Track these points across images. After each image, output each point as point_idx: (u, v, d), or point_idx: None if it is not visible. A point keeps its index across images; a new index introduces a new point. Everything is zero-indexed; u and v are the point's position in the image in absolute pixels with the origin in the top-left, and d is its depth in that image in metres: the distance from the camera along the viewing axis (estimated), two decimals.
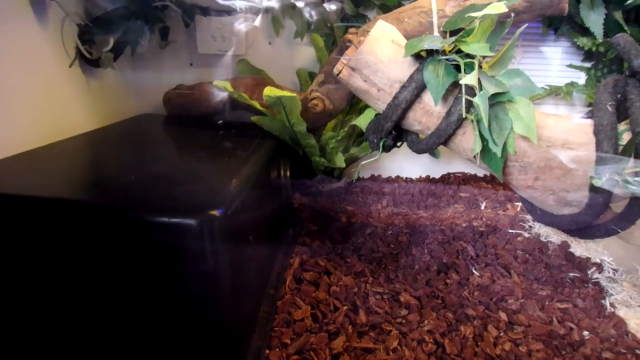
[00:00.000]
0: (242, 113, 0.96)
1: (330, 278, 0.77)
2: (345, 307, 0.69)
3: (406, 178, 1.29)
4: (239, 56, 1.12)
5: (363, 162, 0.76)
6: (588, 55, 1.10)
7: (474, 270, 0.81)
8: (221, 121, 0.97)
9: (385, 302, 0.71)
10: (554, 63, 1.13)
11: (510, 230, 0.94)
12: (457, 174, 1.28)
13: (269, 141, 0.86)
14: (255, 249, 0.66)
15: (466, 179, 1.24)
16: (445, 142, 0.59)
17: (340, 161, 0.98)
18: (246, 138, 0.85)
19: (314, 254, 0.84)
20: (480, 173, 1.28)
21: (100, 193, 0.55)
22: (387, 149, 0.65)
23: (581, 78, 1.12)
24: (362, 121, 0.82)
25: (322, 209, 1.03)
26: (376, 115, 0.65)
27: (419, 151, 0.62)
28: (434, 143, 0.59)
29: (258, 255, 0.69)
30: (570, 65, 1.11)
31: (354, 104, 1.06)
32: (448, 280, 0.78)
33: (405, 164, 1.28)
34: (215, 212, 0.49)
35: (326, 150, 1.03)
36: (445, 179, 1.26)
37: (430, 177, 1.29)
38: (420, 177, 1.30)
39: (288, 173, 0.92)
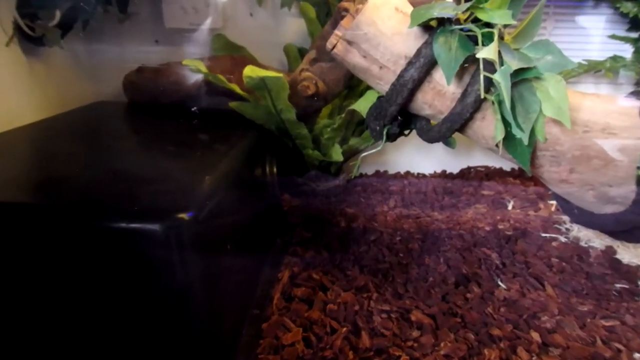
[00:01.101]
0: (220, 99, 0.96)
1: (327, 294, 0.77)
2: (344, 329, 0.69)
3: (417, 174, 1.30)
4: (215, 30, 1.12)
5: (364, 154, 0.76)
6: (634, 23, 1.10)
7: (499, 282, 0.82)
8: (194, 109, 0.98)
9: (393, 321, 0.71)
10: (594, 34, 1.13)
11: (543, 234, 0.94)
12: (478, 168, 1.28)
13: (251, 132, 0.87)
14: (234, 261, 0.66)
15: (489, 174, 1.25)
16: (462, 129, 0.60)
17: (337, 154, 0.98)
18: (224, 129, 0.86)
19: (307, 266, 0.84)
20: (507, 166, 1.29)
21: (44, 194, 0.56)
22: (392, 138, 0.66)
23: (627, 51, 1.12)
24: (362, 105, 0.84)
25: (316, 211, 1.04)
26: (378, 98, 0.65)
27: (430, 140, 0.63)
28: (447, 130, 0.59)
29: (238, 269, 0.69)
30: (613, 37, 1.12)
31: (353, 85, 1.06)
32: (468, 295, 0.78)
33: (415, 157, 1.29)
34: (184, 216, 0.50)
35: (320, 141, 1.03)
36: (465, 174, 1.26)
37: (447, 172, 1.29)
38: (434, 172, 1.30)
39: (275, 169, 0.93)
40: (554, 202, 1.06)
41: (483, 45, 0.54)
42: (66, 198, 0.54)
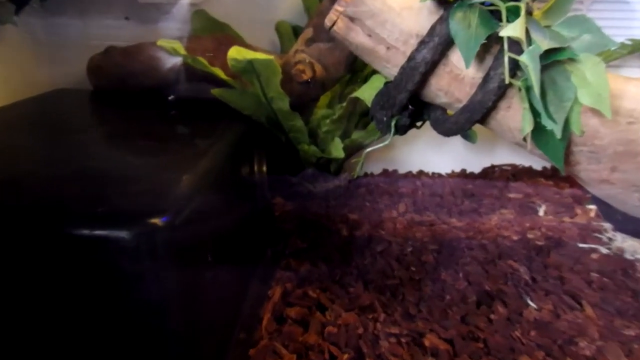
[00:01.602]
0: (200, 86, 0.96)
1: (326, 315, 0.77)
2: (346, 356, 0.69)
3: (432, 173, 1.30)
4: (195, 6, 1.12)
5: (369, 150, 0.75)
6: None
7: (529, 301, 0.82)
8: (171, 97, 0.98)
9: (404, 347, 0.71)
10: None
11: (580, 245, 0.95)
12: (503, 167, 1.29)
13: (237, 124, 0.87)
14: (217, 275, 0.66)
15: (517, 174, 1.25)
16: (483, 120, 0.60)
17: (337, 150, 0.98)
18: (205, 120, 0.86)
19: (302, 282, 0.84)
20: (537, 164, 1.29)
21: None
22: (401, 130, 0.66)
23: None
24: (367, 93, 0.85)
25: (313, 217, 1.04)
26: (386, 83, 0.65)
27: (446, 133, 0.63)
28: (466, 121, 0.59)
29: (221, 284, 0.69)
30: None
31: (357, 69, 1.05)
32: (492, 316, 0.78)
33: (429, 154, 1.29)
34: (158, 221, 0.50)
35: (318, 135, 1.03)
36: (488, 174, 1.27)
37: (467, 171, 1.30)
38: (451, 171, 1.30)
39: (265, 168, 0.93)
40: (593, 207, 1.06)
41: (508, 21, 0.54)
42: (18, 200, 0.54)
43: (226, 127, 0.84)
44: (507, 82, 0.54)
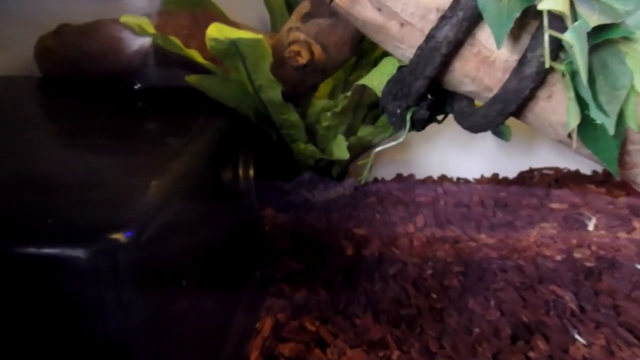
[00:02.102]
0: (173, 72, 0.95)
1: (327, 352, 0.76)
2: None
3: (457, 179, 1.30)
4: None
5: (379, 149, 0.74)
6: None
7: (576, 335, 0.81)
8: (137, 86, 0.98)
9: None
10: None
11: (639, 266, 0.95)
12: (544, 171, 1.28)
13: (218, 119, 0.88)
14: (193, 304, 0.66)
15: (560, 179, 1.24)
16: (519, 112, 0.59)
17: (341, 150, 0.98)
18: (179, 114, 0.87)
19: (297, 312, 0.83)
20: (586, 168, 1.28)
21: None
22: (419, 125, 0.65)
23: None
24: (377, 80, 0.84)
25: (311, 233, 1.03)
26: (399, 68, 0.64)
27: (474, 128, 0.62)
28: (498, 114, 0.58)
29: (199, 314, 0.69)
30: None
31: (364, 51, 1.04)
32: (531, 353, 0.78)
33: (453, 155, 1.28)
34: (120, 237, 0.50)
35: (317, 131, 1.02)
36: (525, 180, 1.26)
37: (500, 176, 1.29)
38: (481, 176, 1.30)
39: (252, 172, 0.92)
40: None
41: None
42: None
43: (205, 122, 0.84)
44: (547, 66, 0.54)
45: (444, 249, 1.00)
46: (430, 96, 0.62)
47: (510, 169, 1.30)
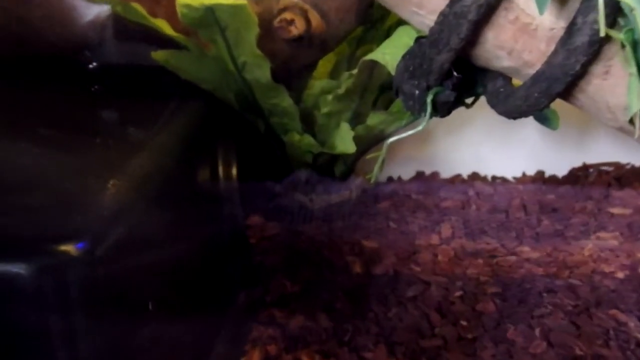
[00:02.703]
0: (137, 47, 0.95)
1: None
2: None
3: (493, 178, 1.28)
4: None
5: (392, 140, 0.69)
6: None
7: None
8: (92, 65, 0.95)
9: None
10: None
11: None
12: (602, 167, 1.26)
13: (192, 104, 0.88)
14: (161, 331, 0.66)
15: (623, 177, 1.22)
16: (568, 94, 0.55)
17: (345, 142, 0.94)
18: (144, 99, 0.86)
19: (292, 343, 0.83)
20: None
21: None
22: (443, 110, 0.62)
23: None
24: (389, 54, 0.82)
25: (309, 246, 1.02)
26: (417, 40, 0.61)
27: (512, 113, 0.58)
28: (542, 95, 0.54)
29: (169, 347, 0.69)
30: None
31: (373, 20, 1.03)
32: None
33: (487, 148, 1.27)
34: (71, 249, 0.50)
35: (316, 119, 1.01)
36: (578, 178, 1.24)
37: (546, 174, 1.27)
38: (523, 174, 1.28)
39: (235, 170, 0.93)
40: None
41: None
42: None
43: (175, 109, 0.84)
44: (602, 34, 0.49)
45: (477, 266, 0.98)
46: (457, 74, 0.60)
47: (559, 166, 1.27)
